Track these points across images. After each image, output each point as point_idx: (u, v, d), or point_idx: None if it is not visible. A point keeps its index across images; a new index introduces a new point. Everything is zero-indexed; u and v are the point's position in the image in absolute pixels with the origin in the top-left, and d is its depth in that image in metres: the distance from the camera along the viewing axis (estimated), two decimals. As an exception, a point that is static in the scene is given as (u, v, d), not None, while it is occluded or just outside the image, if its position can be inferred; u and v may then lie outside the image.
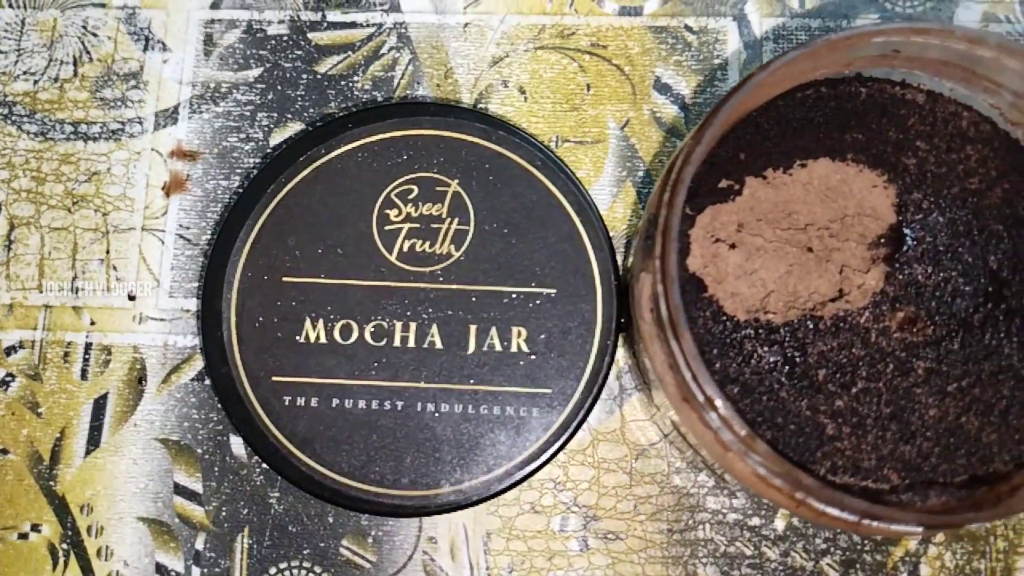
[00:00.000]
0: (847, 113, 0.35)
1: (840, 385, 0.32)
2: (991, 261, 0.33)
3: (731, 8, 0.42)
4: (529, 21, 0.43)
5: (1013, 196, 0.34)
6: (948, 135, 0.34)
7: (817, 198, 0.34)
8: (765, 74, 0.30)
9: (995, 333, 0.32)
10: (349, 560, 0.39)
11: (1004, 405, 0.32)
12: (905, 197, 0.34)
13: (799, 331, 0.33)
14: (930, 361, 0.32)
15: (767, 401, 0.32)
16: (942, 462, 0.32)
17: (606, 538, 0.39)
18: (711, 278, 0.33)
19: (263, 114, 0.42)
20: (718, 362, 0.33)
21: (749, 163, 0.34)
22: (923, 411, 0.32)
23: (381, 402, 0.36)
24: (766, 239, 0.34)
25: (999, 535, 0.38)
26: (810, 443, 0.32)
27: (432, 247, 0.37)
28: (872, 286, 0.33)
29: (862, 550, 0.38)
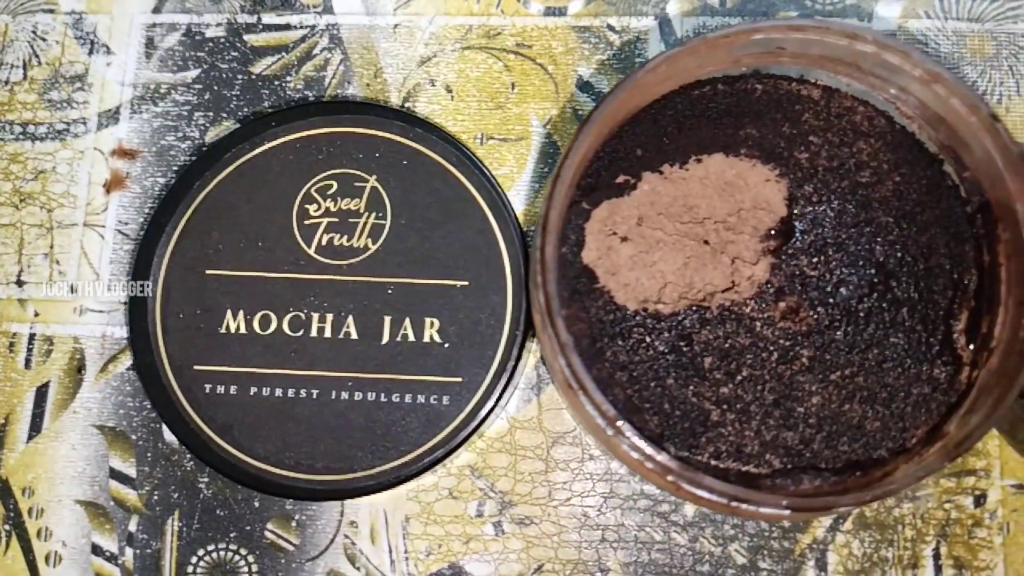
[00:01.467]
0: (743, 109, 0.36)
1: (726, 373, 0.33)
2: (878, 252, 0.34)
3: (653, 8, 0.43)
4: (456, 22, 0.44)
5: (904, 189, 0.34)
6: (842, 129, 0.35)
7: (715, 192, 0.35)
8: (643, 72, 0.31)
9: (880, 323, 0.33)
10: (273, 543, 0.40)
11: (887, 393, 0.33)
12: (796, 191, 0.35)
13: (687, 321, 0.34)
14: (814, 350, 0.33)
15: (655, 388, 0.33)
16: (824, 448, 0.33)
17: (521, 523, 0.40)
18: (604, 270, 0.34)
19: (199, 113, 0.44)
20: (609, 350, 0.34)
21: (646, 159, 0.35)
22: (806, 398, 0.33)
23: (297, 390, 0.37)
24: (666, 232, 0.35)
25: (907, 524, 0.39)
26: (695, 429, 0.33)
27: (350, 241, 0.38)
28: (759, 277, 0.34)
29: (770, 536, 0.39)
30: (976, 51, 0.42)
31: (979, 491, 0.39)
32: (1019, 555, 0.38)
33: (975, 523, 0.39)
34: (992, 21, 0.43)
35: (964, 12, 0.43)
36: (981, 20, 0.43)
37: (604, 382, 0.33)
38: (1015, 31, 0.42)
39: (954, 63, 0.42)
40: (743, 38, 0.32)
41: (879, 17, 0.43)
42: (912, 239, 0.34)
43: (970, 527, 0.39)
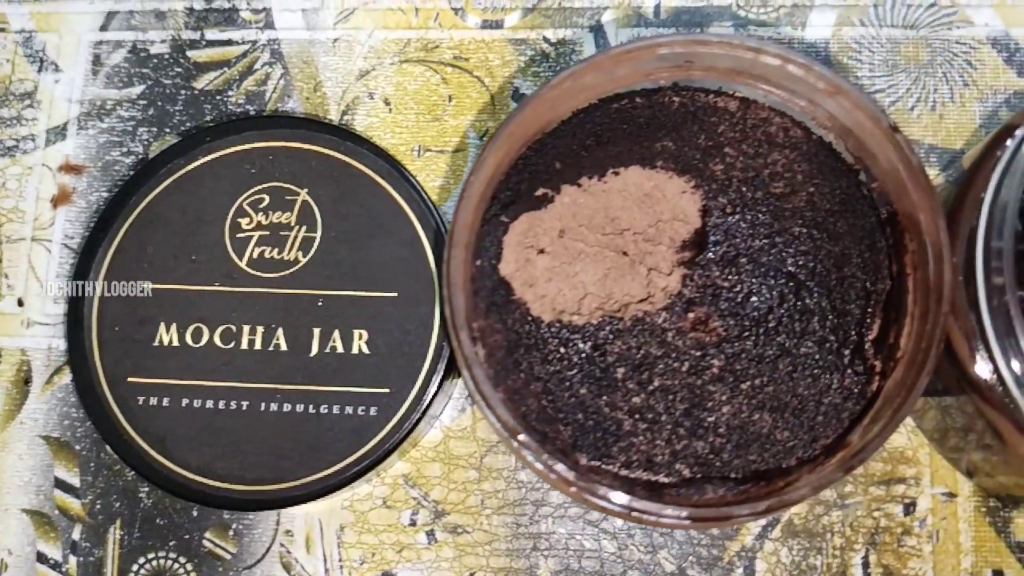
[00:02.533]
0: (660, 121, 0.36)
1: (638, 383, 0.33)
2: (789, 263, 0.34)
3: (588, 19, 0.44)
4: (395, 35, 0.44)
5: (818, 199, 0.35)
6: (757, 141, 0.35)
7: (635, 204, 0.36)
8: (546, 89, 0.31)
9: (790, 333, 0.33)
10: (211, 551, 0.41)
11: (797, 403, 0.33)
12: (710, 202, 0.35)
13: (600, 332, 0.34)
14: (724, 360, 0.33)
15: (568, 398, 0.34)
16: (734, 458, 0.33)
17: (454, 532, 0.40)
18: (521, 282, 0.35)
19: (143, 129, 0.44)
20: (524, 361, 0.34)
21: (565, 172, 0.36)
22: (716, 408, 0.33)
23: (228, 402, 0.38)
24: (587, 244, 0.36)
25: (836, 532, 0.39)
26: (607, 439, 0.33)
27: (280, 254, 0.39)
28: (672, 288, 0.34)
29: (698, 544, 0.39)
30: (911, 58, 0.43)
31: (909, 499, 0.39)
32: (948, 563, 0.38)
33: (904, 531, 0.39)
34: (927, 28, 0.43)
35: (899, 19, 0.43)
36: (916, 27, 0.43)
37: (518, 392, 0.34)
38: (950, 37, 0.43)
39: (888, 71, 0.42)
40: (648, 53, 0.32)
41: (813, 25, 0.43)
42: (825, 249, 0.34)
43: (899, 535, 0.39)
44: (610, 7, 0.44)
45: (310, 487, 0.37)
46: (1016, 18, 0.43)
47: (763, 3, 0.43)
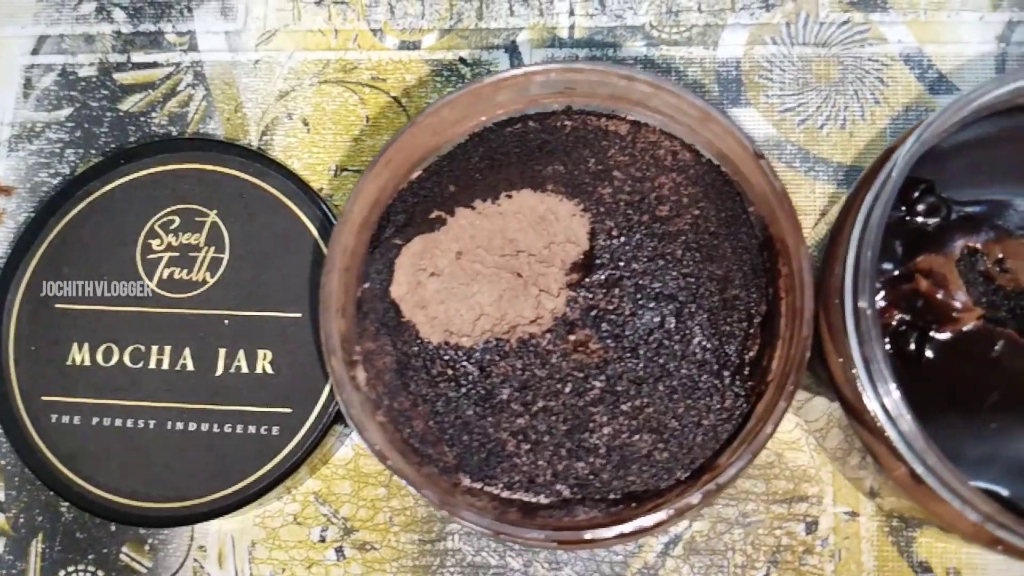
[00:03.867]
0: (552, 145, 0.36)
1: (522, 404, 0.34)
2: (671, 285, 0.34)
3: (504, 40, 0.44)
4: (315, 57, 0.45)
5: (702, 222, 0.35)
6: (645, 164, 0.36)
7: (530, 226, 0.36)
8: (423, 116, 0.32)
9: (671, 355, 0.34)
10: (128, 565, 0.41)
11: (676, 425, 0.33)
12: (597, 225, 0.35)
13: (487, 353, 0.34)
14: (605, 381, 0.34)
15: (454, 419, 0.34)
16: (613, 479, 0.33)
17: (362, 548, 0.41)
18: (412, 304, 0.35)
19: (71, 151, 0.45)
20: (412, 382, 0.35)
21: (459, 195, 0.36)
22: (597, 429, 0.33)
23: (136, 421, 0.39)
24: (485, 265, 0.36)
25: (737, 550, 0.39)
26: (491, 459, 0.34)
27: (189, 274, 0.40)
28: (557, 310, 0.34)
29: (602, 561, 0.40)
30: (822, 76, 0.43)
31: (811, 518, 0.39)
32: (849, 582, 0.39)
33: (806, 550, 0.39)
34: (839, 46, 0.43)
35: (811, 37, 0.43)
36: (828, 45, 0.43)
37: (404, 414, 0.34)
38: (862, 55, 0.43)
39: (798, 89, 0.43)
40: (524, 81, 0.33)
41: (725, 45, 0.43)
42: (707, 271, 0.34)
43: (801, 554, 0.39)
44: (525, 28, 0.44)
45: (214, 505, 0.38)
46: (930, 34, 0.43)
47: (676, 23, 0.44)
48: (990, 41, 0.42)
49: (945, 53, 0.42)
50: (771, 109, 0.43)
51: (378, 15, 0.45)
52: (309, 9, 0.46)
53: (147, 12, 0.47)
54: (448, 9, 0.45)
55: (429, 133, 0.34)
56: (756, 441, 0.29)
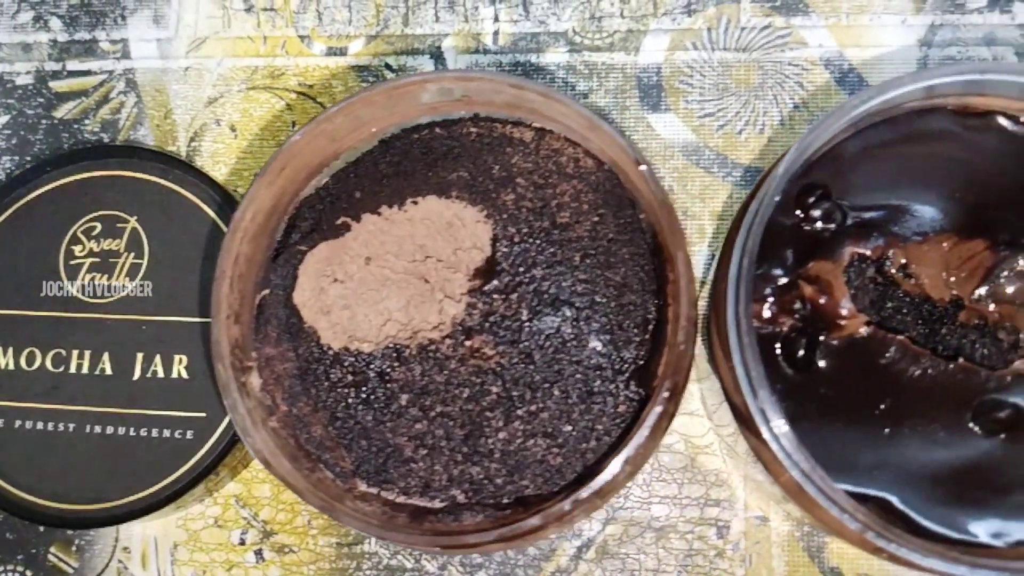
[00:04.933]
0: (457, 151, 0.37)
1: (420, 409, 0.34)
2: (568, 291, 0.34)
3: (429, 46, 0.45)
4: (243, 63, 0.46)
5: (601, 229, 0.35)
6: (548, 171, 0.36)
7: (439, 232, 0.36)
8: (314, 124, 0.32)
9: (566, 360, 0.34)
10: (55, 566, 0.42)
11: (570, 430, 0.33)
12: (499, 231, 0.35)
13: (387, 360, 0.35)
14: (501, 386, 0.34)
15: (352, 424, 0.34)
16: (507, 483, 0.33)
17: (281, 551, 0.41)
18: (314, 310, 0.35)
19: (7, 158, 0.46)
20: (312, 388, 0.35)
21: (365, 201, 0.37)
22: (493, 434, 0.34)
23: (56, 424, 0.39)
24: (394, 271, 0.36)
25: (649, 554, 0.40)
26: (388, 465, 0.34)
27: (109, 280, 0.40)
28: (457, 316, 0.35)
29: (515, 564, 0.40)
30: (741, 81, 0.43)
31: (723, 522, 0.39)
32: (760, 586, 0.39)
33: (717, 554, 0.39)
34: (760, 50, 0.43)
35: (732, 42, 0.43)
36: (748, 50, 0.43)
37: (304, 419, 0.35)
38: (782, 59, 0.43)
39: (718, 95, 0.43)
40: (418, 88, 0.33)
41: (646, 50, 0.43)
42: (603, 278, 0.34)
43: (712, 558, 0.39)
44: (450, 34, 0.45)
45: (131, 507, 0.39)
46: (851, 38, 0.43)
47: (599, 29, 0.44)
48: (912, 45, 0.42)
49: (866, 57, 0.42)
50: (690, 114, 0.43)
51: (306, 22, 0.46)
52: (239, 16, 0.46)
53: (83, 20, 0.47)
54: (375, 15, 0.45)
55: (325, 140, 0.34)
56: (630, 448, 0.30)
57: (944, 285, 0.35)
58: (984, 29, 0.42)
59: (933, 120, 0.34)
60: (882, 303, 0.34)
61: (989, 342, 0.34)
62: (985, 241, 0.34)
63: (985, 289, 0.34)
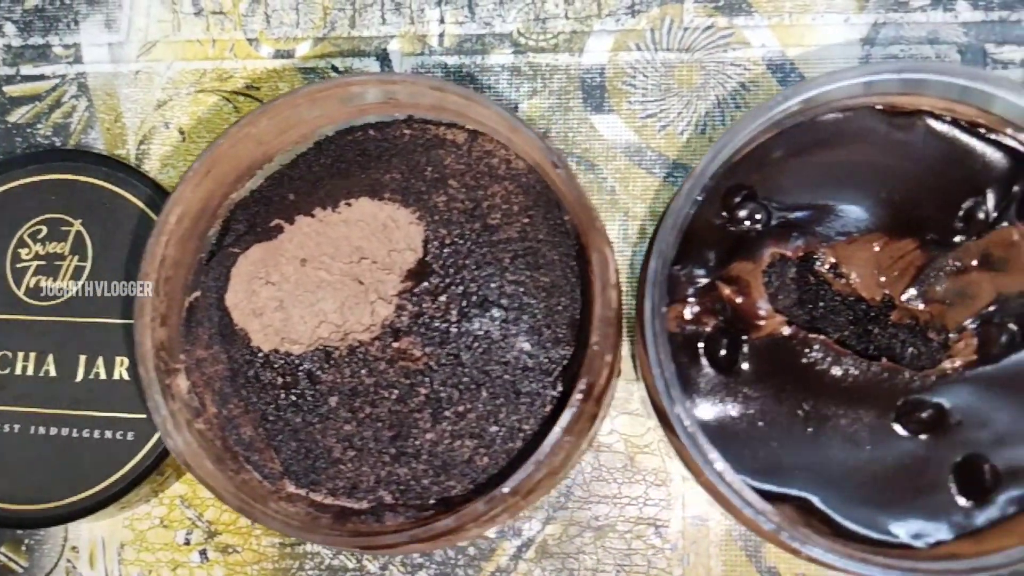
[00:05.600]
0: (391, 153, 0.37)
1: (349, 411, 0.34)
2: (496, 293, 0.34)
3: (375, 48, 0.45)
4: (192, 66, 0.46)
5: (530, 230, 0.35)
6: (479, 172, 0.36)
7: (374, 233, 0.37)
8: (236, 128, 0.33)
9: (493, 361, 0.34)
10: (5, 565, 0.43)
11: (496, 430, 0.34)
12: (431, 233, 0.36)
13: (317, 361, 0.35)
14: (429, 388, 0.34)
15: (281, 426, 0.35)
16: (433, 484, 0.34)
17: (224, 551, 0.41)
18: (246, 312, 0.36)
19: (-39, 162, 0.46)
20: (243, 389, 0.35)
21: (299, 203, 0.37)
22: (421, 435, 0.34)
23: (1, 425, 0.40)
24: (330, 272, 0.37)
25: (588, 553, 0.40)
26: (316, 465, 0.34)
27: (54, 282, 0.41)
28: (387, 317, 0.35)
29: (456, 564, 0.40)
30: (684, 82, 0.43)
31: (661, 522, 0.40)
32: (697, 586, 0.39)
33: (655, 554, 0.39)
34: (702, 51, 0.43)
35: (675, 43, 0.43)
36: (691, 50, 0.43)
37: (234, 421, 0.35)
38: (724, 59, 0.43)
39: (660, 95, 0.43)
40: (341, 91, 0.33)
41: (590, 51, 0.44)
42: (532, 279, 0.34)
43: (650, 558, 0.39)
44: (396, 36, 0.45)
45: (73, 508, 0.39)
46: (794, 37, 0.42)
47: (543, 30, 0.44)
48: (855, 43, 0.42)
49: (809, 56, 0.42)
50: (633, 115, 0.43)
51: (254, 24, 0.46)
52: (189, 20, 0.46)
53: (36, 25, 0.47)
54: (322, 18, 0.45)
55: (252, 143, 0.35)
56: (541, 450, 0.30)
57: (877, 285, 0.35)
58: (927, 27, 0.42)
59: (860, 119, 0.34)
60: (808, 303, 0.34)
61: (919, 342, 0.34)
62: (915, 241, 0.34)
63: (915, 289, 0.34)
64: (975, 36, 0.42)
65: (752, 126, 0.31)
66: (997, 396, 0.32)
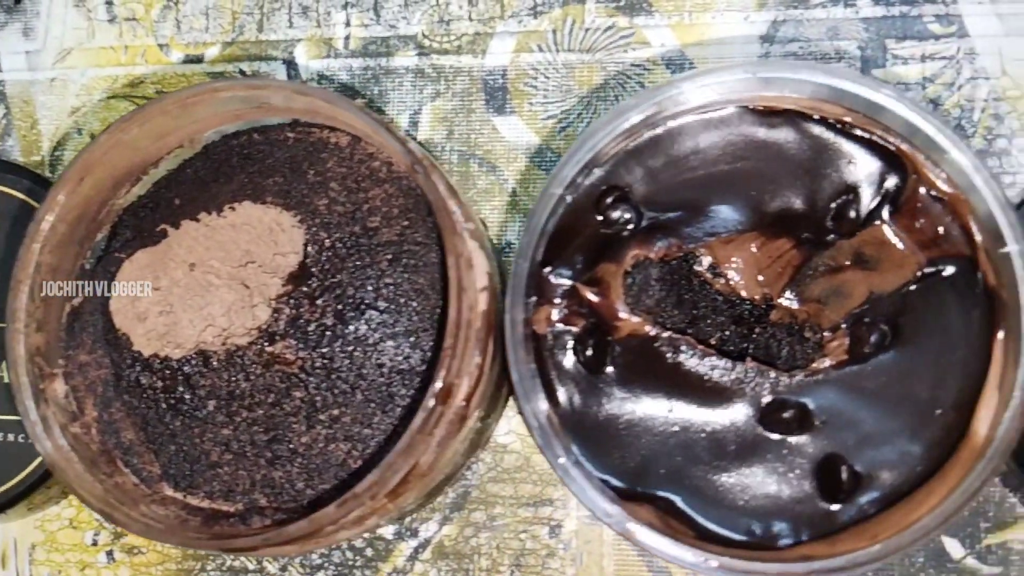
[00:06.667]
0: (275, 157, 0.37)
1: (227, 414, 0.35)
2: (371, 296, 0.35)
3: (283, 52, 0.45)
4: (105, 72, 0.46)
5: (409, 233, 0.35)
6: (361, 176, 0.36)
7: (260, 237, 0.37)
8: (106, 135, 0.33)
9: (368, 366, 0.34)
10: (-81, 568, 0.43)
11: (370, 433, 0.34)
12: (312, 236, 0.36)
13: (197, 365, 0.35)
14: (304, 391, 0.34)
15: (161, 430, 0.35)
16: (307, 487, 0.34)
17: (130, 552, 0.42)
18: (130, 316, 0.36)
19: None
20: (125, 393, 0.36)
21: (185, 208, 0.37)
22: (296, 438, 0.34)
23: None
24: (219, 276, 0.37)
25: (483, 553, 0.40)
26: (195, 469, 0.35)
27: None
28: (266, 321, 0.35)
29: (353, 565, 0.41)
30: (584, 82, 0.43)
31: (555, 522, 0.40)
32: (590, 586, 0.39)
33: (549, 554, 0.40)
34: (603, 51, 0.43)
35: (576, 44, 0.43)
36: (592, 51, 0.43)
37: (116, 424, 0.35)
38: (624, 60, 0.43)
39: (561, 96, 0.43)
40: (209, 97, 0.34)
41: (493, 53, 0.44)
42: (409, 282, 0.34)
43: (544, 557, 0.40)
44: (303, 39, 0.45)
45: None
46: (694, 36, 0.42)
47: (447, 32, 0.44)
48: (754, 41, 0.42)
49: (708, 55, 0.42)
50: (534, 116, 0.43)
51: (166, 30, 0.46)
52: (103, 27, 0.47)
53: (-43, 34, 0.48)
54: (231, 22, 0.46)
55: (127, 150, 0.35)
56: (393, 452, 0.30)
57: (757, 285, 0.35)
58: (827, 24, 0.42)
59: (732, 120, 0.34)
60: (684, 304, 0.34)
61: (796, 341, 0.34)
62: (791, 240, 0.34)
63: (792, 289, 0.34)
64: (875, 32, 0.41)
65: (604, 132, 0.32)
66: (861, 397, 0.32)
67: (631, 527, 0.30)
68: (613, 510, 0.30)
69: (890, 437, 0.31)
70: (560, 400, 0.33)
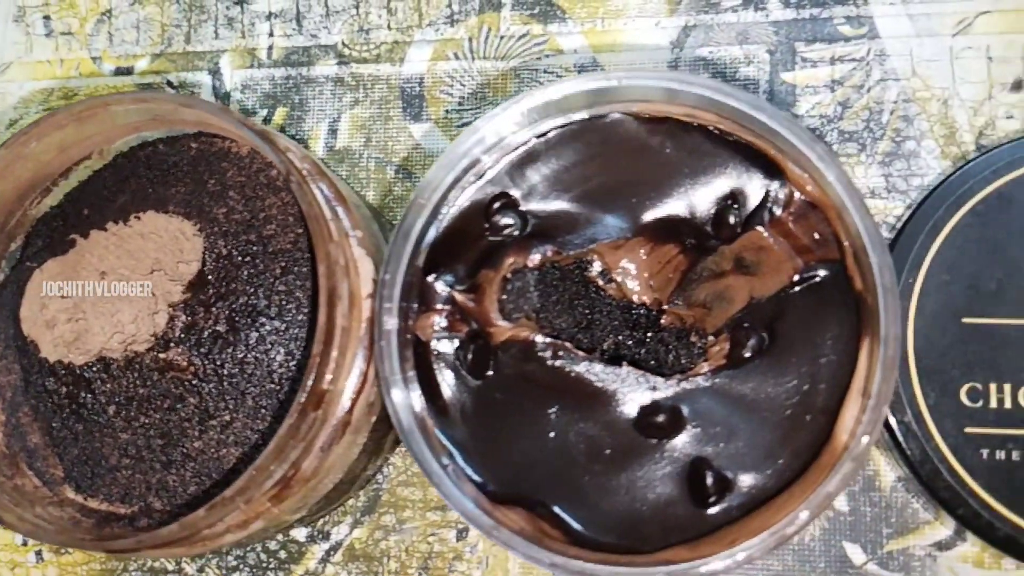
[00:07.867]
0: (179, 167, 0.38)
1: (125, 420, 0.36)
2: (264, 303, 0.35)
3: (208, 63, 0.46)
4: (41, 86, 0.48)
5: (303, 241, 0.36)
6: (258, 184, 0.37)
7: (166, 246, 0.38)
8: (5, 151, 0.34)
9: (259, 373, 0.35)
10: None
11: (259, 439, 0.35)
12: (210, 244, 0.37)
13: (97, 371, 0.36)
14: (199, 398, 0.35)
15: (65, 433, 0.36)
16: (201, 491, 0.35)
17: (58, 552, 0.43)
18: (38, 324, 0.37)
19: None
20: (33, 398, 0.37)
21: (93, 218, 0.38)
22: (189, 443, 0.35)
23: None
24: (129, 284, 0.38)
25: (392, 556, 0.41)
26: (96, 472, 0.36)
27: None
28: (163, 328, 0.36)
29: (267, 567, 0.41)
30: (498, 90, 0.43)
31: (462, 525, 0.40)
32: (496, 588, 0.39)
33: (456, 557, 0.40)
34: (517, 58, 0.43)
35: (492, 51, 0.44)
36: (507, 58, 0.43)
37: (22, 427, 0.37)
38: (537, 67, 0.43)
39: (476, 104, 0.43)
40: (101, 111, 0.35)
41: (410, 61, 0.44)
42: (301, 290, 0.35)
43: (451, 560, 0.40)
44: (228, 50, 0.46)
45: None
46: (606, 43, 0.43)
47: (366, 41, 0.45)
48: (665, 47, 0.42)
49: (619, 61, 0.43)
50: (449, 124, 0.43)
51: (99, 43, 0.47)
52: (40, 41, 0.48)
53: (-96, 49, 0.50)
54: (160, 34, 0.47)
55: (29, 163, 0.36)
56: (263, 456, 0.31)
57: (649, 290, 0.35)
58: (737, 28, 0.42)
59: (614, 127, 0.35)
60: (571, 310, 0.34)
61: (682, 345, 0.34)
62: (677, 246, 0.34)
63: (679, 294, 0.34)
64: (785, 35, 0.41)
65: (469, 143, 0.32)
66: (734, 402, 0.32)
67: (495, 531, 0.30)
68: (478, 514, 0.30)
69: (758, 442, 0.31)
70: (440, 405, 0.33)
